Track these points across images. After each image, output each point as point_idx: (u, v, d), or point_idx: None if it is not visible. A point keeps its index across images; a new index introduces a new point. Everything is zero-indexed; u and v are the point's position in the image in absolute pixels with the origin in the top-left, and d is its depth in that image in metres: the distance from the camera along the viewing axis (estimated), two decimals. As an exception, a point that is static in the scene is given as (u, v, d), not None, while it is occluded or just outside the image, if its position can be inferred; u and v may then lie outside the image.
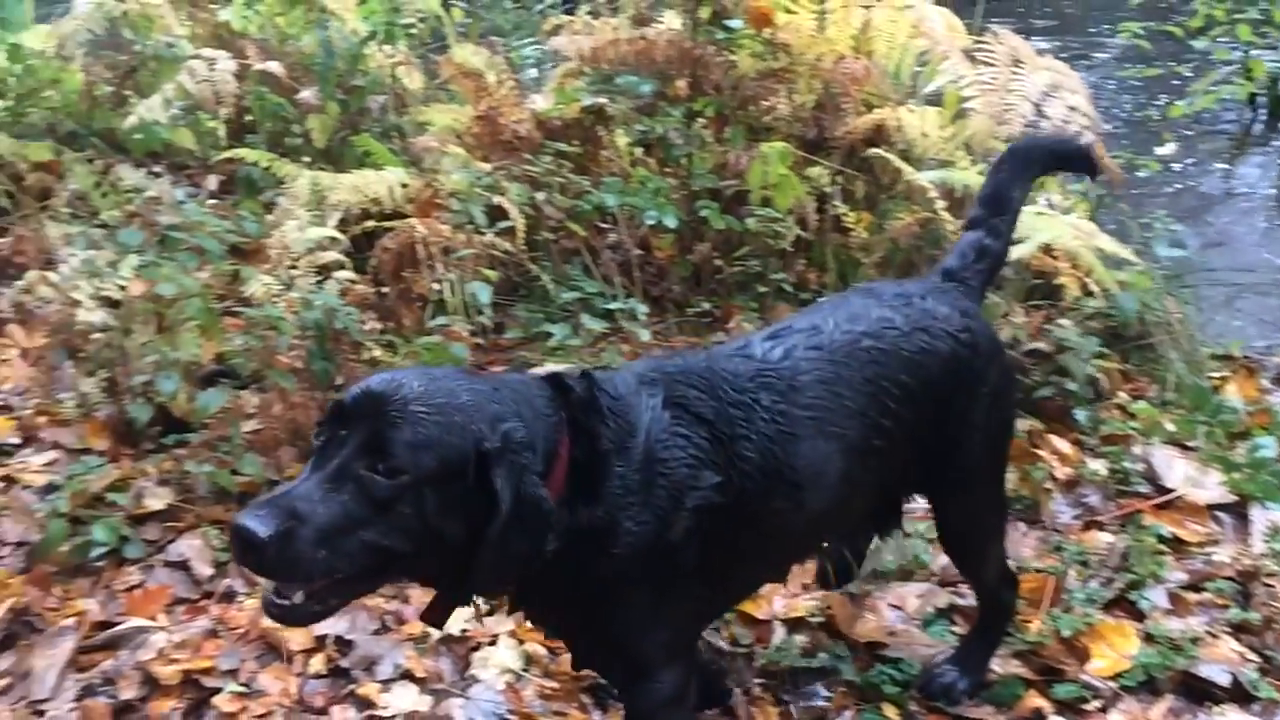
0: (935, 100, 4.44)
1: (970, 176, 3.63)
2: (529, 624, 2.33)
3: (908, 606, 2.99)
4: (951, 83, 3.88)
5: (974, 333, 2.31)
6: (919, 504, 3.50)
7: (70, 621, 2.82)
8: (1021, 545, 3.19)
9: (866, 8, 4.21)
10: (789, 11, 4.27)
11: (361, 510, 1.62)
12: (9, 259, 4.67)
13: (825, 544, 2.75)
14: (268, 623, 2.84)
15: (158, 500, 3.20)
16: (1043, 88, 3.79)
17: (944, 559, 3.17)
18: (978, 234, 2.48)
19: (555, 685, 2.69)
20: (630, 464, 1.87)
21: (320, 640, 2.80)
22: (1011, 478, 3.33)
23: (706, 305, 4.08)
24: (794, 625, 2.88)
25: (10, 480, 3.33)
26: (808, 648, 2.79)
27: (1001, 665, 2.73)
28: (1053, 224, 3.33)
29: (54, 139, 5.37)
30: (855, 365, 2.14)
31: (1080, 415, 3.57)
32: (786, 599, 2.96)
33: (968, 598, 3.04)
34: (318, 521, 1.59)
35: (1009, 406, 2.55)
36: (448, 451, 1.68)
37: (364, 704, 2.63)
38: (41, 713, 2.59)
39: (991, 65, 3.78)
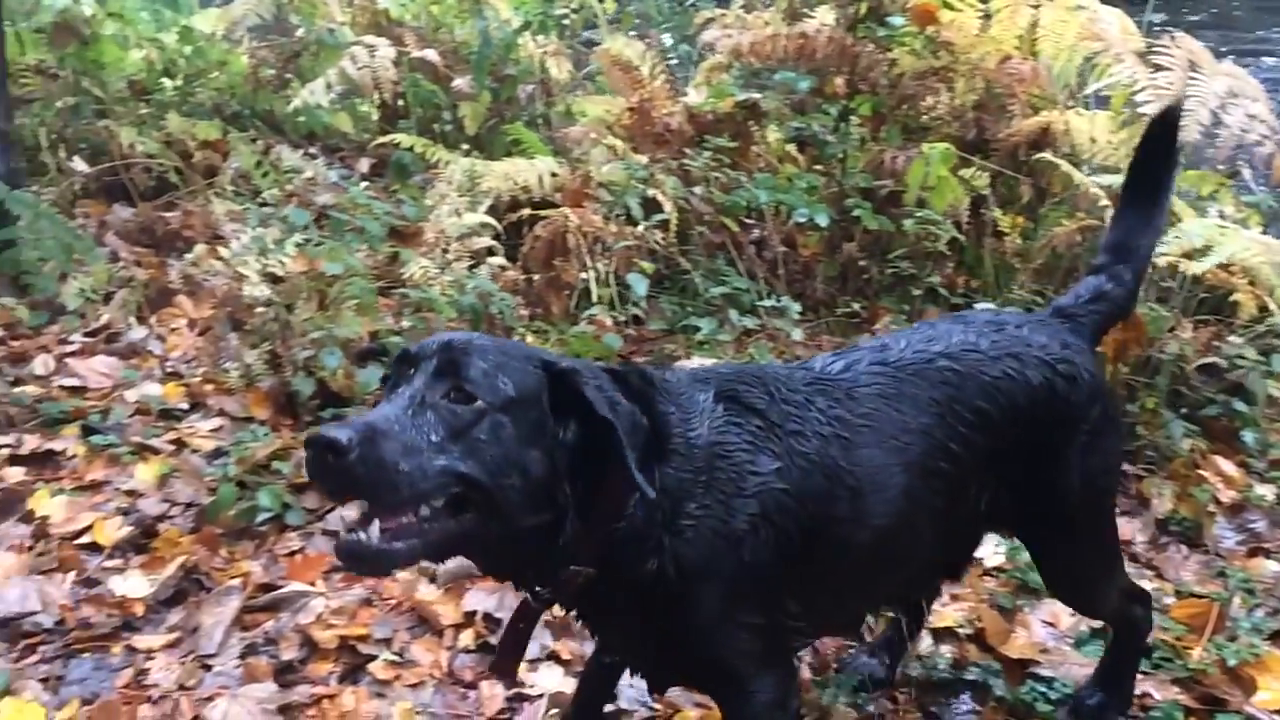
0: (1096, 103, 4.31)
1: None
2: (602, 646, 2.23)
3: (1060, 624, 2.91)
4: (1124, 86, 3.73)
5: (1074, 365, 2.17)
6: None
7: (236, 582, 2.95)
8: (1183, 569, 3.08)
9: (1035, 7, 4.09)
10: (951, 8, 4.17)
11: (439, 436, 1.60)
12: (178, 232, 4.89)
13: (907, 585, 2.38)
14: (420, 595, 2.94)
15: (317, 470, 3.30)
16: (1221, 94, 3.61)
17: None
18: (1099, 278, 2.37)
19: (698, 678, 2.70)
20: (690, 442, 1.83)
21: (470, 616, 2.86)
22: (1173, 498, 3.24)
23: (855, 306, 4.01)
24: (941, 635, 2.83)
25: (181, 444, 3.49)
26: (958, 660, 2.74)
27: (1160, 691, 2.63)
28: (1234, 238, 3.18)
29: (220, 119, 5.61)
30: (923, 384, 2.06)
31: (1248, 437, 3.42)
32: (934, 608, 2.92)
33: (1124, 619, 2.96)
34: (399, 436, 1.56)
35: (1112, 452, 2.33)
36: (522, 377, 1.68)
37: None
38: (209, 667, 2.71)
39: (1167, 69, 3.63)
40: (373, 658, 2.74)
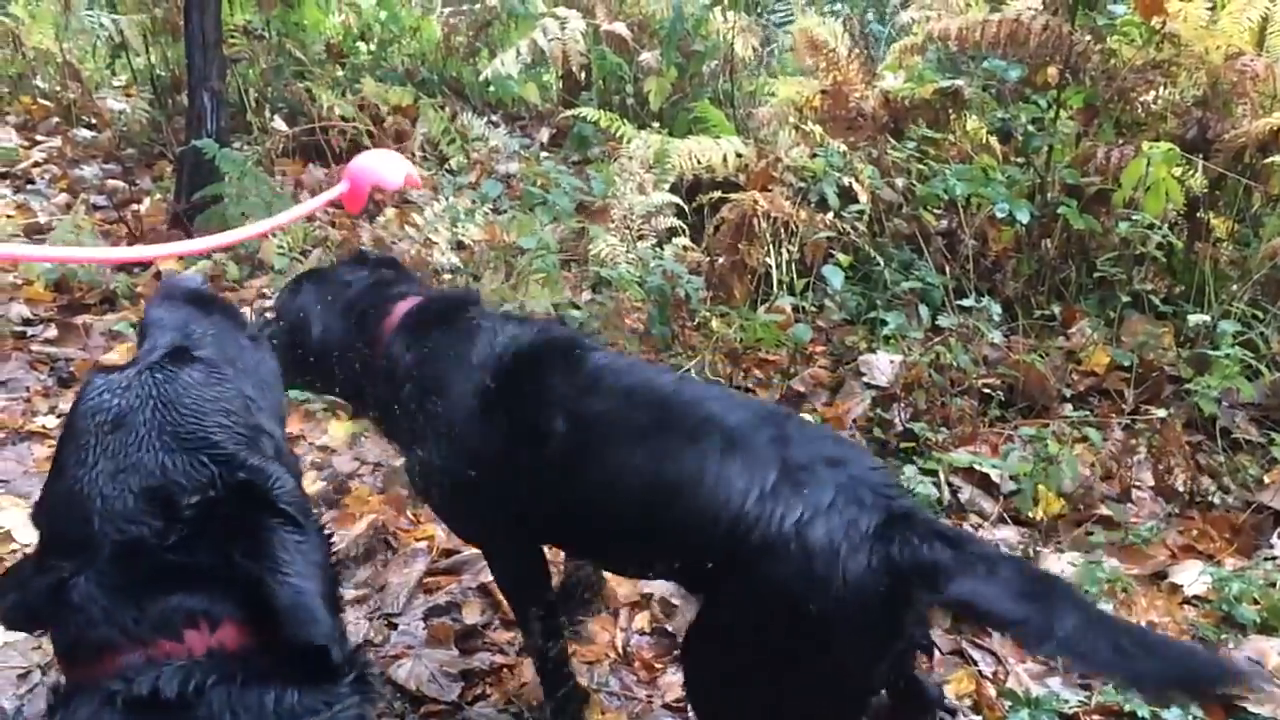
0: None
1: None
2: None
3: (1268, 663, 2.73)
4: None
5: None
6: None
7: (422, 544, 3.02)
8: None
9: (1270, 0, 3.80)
10: (1179, -2, 3.91)
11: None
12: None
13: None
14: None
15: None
16: None
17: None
18: None
19: (875, 684, 2.64)
20: (425, 343, 2.24)
21: (646, 598, 2.86)
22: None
23: (1056, 308, 3.80)
24: (1137, 663, 2.68)
25: (369, 404, 3.59)
26: (1156, 692, 2.59)
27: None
28: None
29: (410, 84, 5.74)
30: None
31: None
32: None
33: (1344, 662, 2.76)
34: None
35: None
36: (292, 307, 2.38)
37: (686, 668, 2.66)
38: (394, 625, 2.79)
39: None
40: (551, 630, 2.76)
